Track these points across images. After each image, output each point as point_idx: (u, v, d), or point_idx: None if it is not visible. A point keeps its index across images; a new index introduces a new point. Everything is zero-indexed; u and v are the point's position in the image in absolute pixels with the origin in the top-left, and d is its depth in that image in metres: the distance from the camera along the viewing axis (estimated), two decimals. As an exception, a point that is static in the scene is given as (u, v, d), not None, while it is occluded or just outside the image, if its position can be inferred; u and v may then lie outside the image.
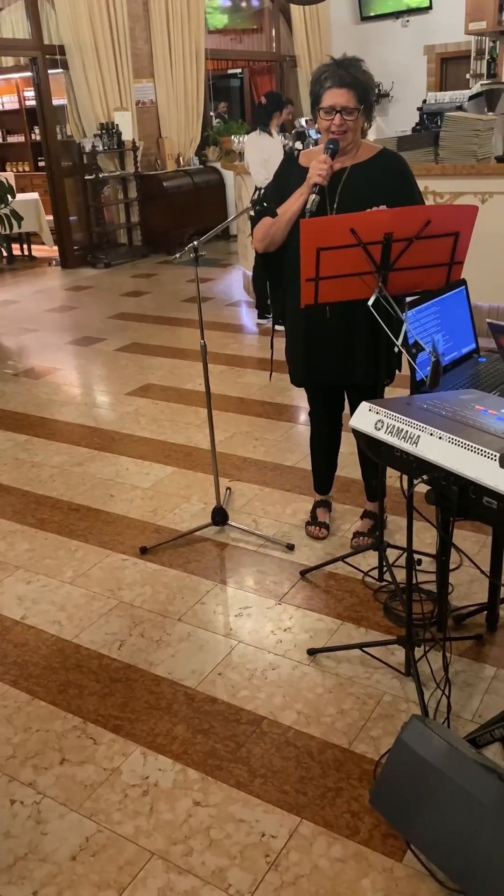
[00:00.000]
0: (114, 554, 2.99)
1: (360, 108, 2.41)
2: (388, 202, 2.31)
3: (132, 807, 1.92)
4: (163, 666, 2.37)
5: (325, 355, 2.69)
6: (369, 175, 2.49)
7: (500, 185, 4.92)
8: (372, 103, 2.47)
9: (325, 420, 2.95)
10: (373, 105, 2.48)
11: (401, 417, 1.68)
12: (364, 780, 1.94)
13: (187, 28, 9.24)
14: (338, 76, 2.38)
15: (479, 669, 2.28)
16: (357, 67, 2.43)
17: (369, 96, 2.44)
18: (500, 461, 1.46)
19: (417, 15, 10.45)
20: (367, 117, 2.48)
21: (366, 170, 2.49)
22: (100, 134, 8.45)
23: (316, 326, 2.63)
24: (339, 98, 2.38)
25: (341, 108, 2.39)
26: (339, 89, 2.38)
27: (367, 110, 2.46)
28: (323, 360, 2.71)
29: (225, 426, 4.10)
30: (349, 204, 2.44)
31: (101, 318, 6.61)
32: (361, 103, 2.42)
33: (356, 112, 2.41)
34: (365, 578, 2.73)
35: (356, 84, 2.39)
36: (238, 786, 1.96)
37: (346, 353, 2.64)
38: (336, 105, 2.38)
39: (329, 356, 2.68)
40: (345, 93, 2.38)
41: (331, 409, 2.92)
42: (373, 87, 2.47)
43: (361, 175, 2.49)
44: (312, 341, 2.68)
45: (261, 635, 2.47)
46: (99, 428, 4.24)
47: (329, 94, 2.39)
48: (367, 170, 2.49)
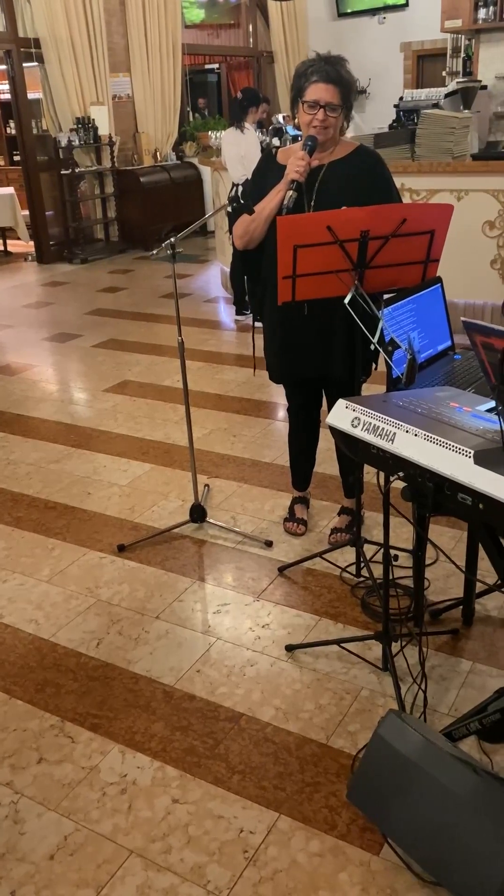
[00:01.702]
0: (91, 552, 2.98)
1: (342, 105, 2.41)
2: (365, 199, 2.32)
3: (110, 805, 1.92)
4: (141, 664, 2.37)
5: (302, 350, 2.70)
6: (347, 172, 2.49)
7: (475, 183, 4.96)
8: (352, 103, 2.47)
9: (303, 416, 2.96)
10: (352, 105, 2.48)
11: (377, 415, 1.69)
12: (342, 775, 1.95)
13: (164, 22, 9.19)
14: (324, 71, 2.37)
15: (456, 664, 2.30)
16: (342, 65, 2.43)
17: (351, 96, 2.44)
18: (474, 458, 1.48)
19: (394, 12, 10.48)
20: (346, 117, 2.48)
21: (343, 166, 2.49)
22: (76, 128, 8.39)
23: (293, 321, 2.63)
24: (324, 93, 2.37)
25: (326, 104, 2.38)
26: (324, 84, 2.37)
27: (347, 110, 2.46)
28: (300, 356, 2.71)
29: (203, 423, 4.10)
30: (326, 201, 2.44)
31: (78, 314, 6.57)
32: (344, 101, 2.42)
33: (339, 109, 2.41)
34: (342, 574, 2.74)
35: (341, 81, 2.39)
36: (216, 782, 1.96)
37: (324, 348, 2.65)
38: (321, 100, 2.38)
39: (306, 351, 2.69)
40: (330, 88, 2.37)
41: (309, 405, 2.93)
42: (354, 88, 2.47)
43: (339, 172, 2.49)
44: (290, 337, 2.69)
45: (239, 632, 2.48)
46: (76, 425, 4.22)
47: (314, 88, 2.38)
48: (345, 167, 2.49)
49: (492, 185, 4.91)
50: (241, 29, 11.40)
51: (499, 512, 1.45)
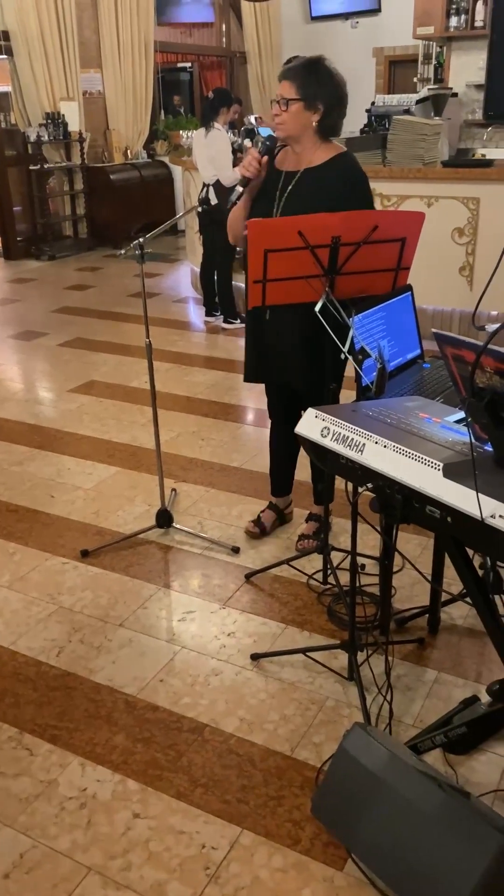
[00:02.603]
0: (54, 557, 2.92)
1: (299, 98, 2.35)
2: (336, 209, 2.25)
3: (69, 820, 1.87)
4: (103, 673, 2.32)
5: (269, 355, 2.69)
6: (321, 179, 2.44)
7: (445, 190, 4.99)
8: (319, 97, 2.37)
9: (282, 419, 2.90)
10: (324, 100, 2.38)
11: (346, 425, 1.67)
12: (306, 788, 1.93)
13: (136, 19, 9.11)
14: (283, 70, 2.43)
15: (421, 673, 2.29)
16: (305, 61, 2.41)
17: (312, 88, 2.35)
18: (443, 471, 1.46)
19: (367, 17, 10.52)
20: (314, 110, 2.38)
21: (318, 173, 2.45)
22: (45, 124, 8.27)
23: (261, 324, 2.62)
24: (279, 89, 2.40)
25: (279, 98, 2.39)
26: (281, 81, 2.40)
27: (309, 102, 2.36)
28: (265, 359, 2.71)
29: (171, 425, 4.05)
30: (295, 208, 2.41)
31: (45, 312, 6.47)
32: (302, 94, 2.35)
33: (293, 102, 2.36)
34: (309, 581, 2.72)
35: (296, 74, 2.37)
36: (178, 796, 1.92)
37: (285, 355, 2.65)
38: (276, 96, 2.40)
39: (272, 356, 2.68)
40: (285, 84, 2.39)
41: (287, 407, 2.87)
42: (321, 82, 2.37)
43: (313, 178, 2.45)
44: (257, 339, 2.68)
45: (204, 640, 2.44)
46: (40, 426, 4.14)
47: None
48: (320, 173, 2.45)
49: (461, 192, 4.94)
50: (214, 28, 11.35)
51: (467, 525, 1.44)
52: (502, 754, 2.00)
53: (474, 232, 4.97)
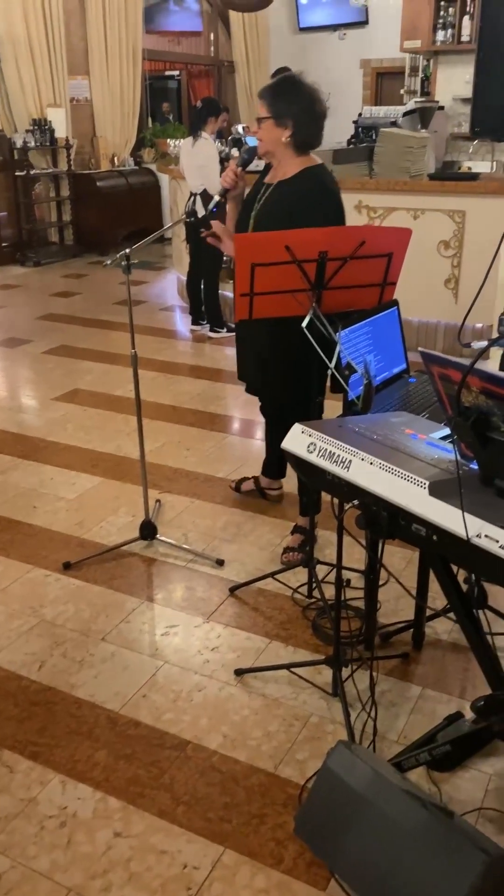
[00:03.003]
0: (35, 569, 2.89)
1: (269, 116, 2.44)
2: (288, 224, 2.32)
3: (49, 839, 1.84)
4: (85, 688, 2.29)
5: (239, 357, 2.94)
6: (285, 192, 2.52)
7: (431, 203, 5.02)
8: (289, 113, 2.42)
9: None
10: (294, 117, 2.43)
11: (333, 441, 1.66)
12: (289, 806, 1.91)
13: (124, 26, 9.11)
14: (260, 89, 2.52)
15: (405, 689, 2.29)
16: (276, 80, 2.51)
17: (281, 106, 2.42)
18: (429, 489, 1.46)
19: (354, 29, 10.60)
20: (284, 126, 2.43)
21: (285, 187, 2.54)
22: (32, 130, 8.24)
23: (239, 330, 2.89)
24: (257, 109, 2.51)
25: (257, 118, 2.52)
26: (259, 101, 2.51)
27: (279, 119, 2.42)
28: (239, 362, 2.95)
29: (156, 435, 4.03)
30: (260, 219, 2.55)
31: (29, 319, 6.43)
32: (272, 112, 2.43)
33: (264, 120, 2.47)
34: (294, 595, 2.71)
35: (267, 93, 2.46)
36: (160, 814, 1.90)
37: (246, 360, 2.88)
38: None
39: (243, 360, 2.92)
40: (260, 103, 2.47)
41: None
42: (290, 99, 2.43)
43: (280, 193, 2.54)
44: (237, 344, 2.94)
45: (187, 655, 2.42)
46: (23, 434, 4.11)
47: None
48: (287, 186, 2.53)
49: (447, 205, 4.97)
50: (202, 37, 11.38)
51: (452, 544, 1.43)
52: (486, 771, 2.00)
53: (460, 245, 5.00)
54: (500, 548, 1.33)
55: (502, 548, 1.33)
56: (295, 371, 2.61)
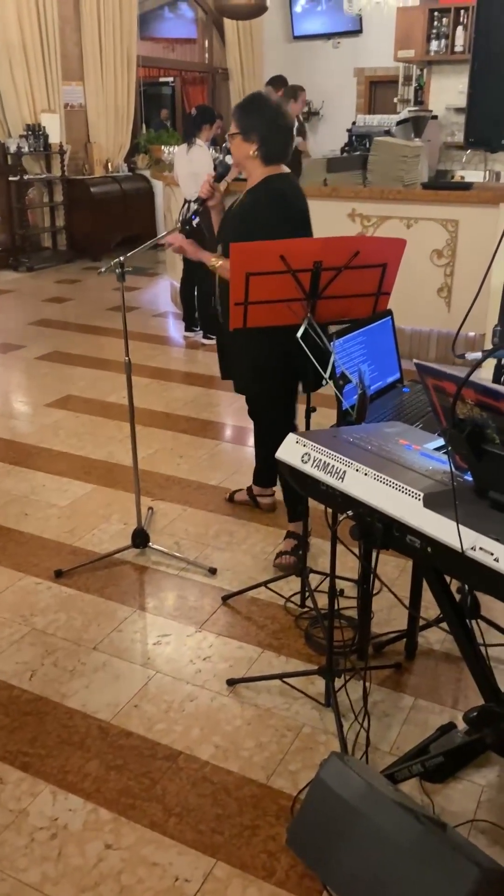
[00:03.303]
0: (27, 577, 2.87)
1: (237, 132, 2.58)
2: (238, 228, 2.57)
3: (39, 851, 1.82)
4: (76, 697, 2.28)
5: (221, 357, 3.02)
6: (245, 201, 2.67)
7: (424, 212, 5.03)
8: (254, 129, 2.54)
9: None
10: (259, 131, 2.54)
11: (327, 451, 1.66)
12: (281, 818, 1.90)
13: (119, 33, 9.12)
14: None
15: (398, 699, 2.28)
16: (244, 99, 2.67)
17: (247, 122, 2.55)
18: (424, 501, 1.46)
19: (348, 37, 10.65)
20: (251, 141, 2.55)
21: (246, 196, 2.67)
22: (26, 135, 8.23)
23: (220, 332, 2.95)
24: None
25: (228, 134, 2.67)
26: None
27: (247, 135, 2.55)
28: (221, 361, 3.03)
29: (148, 442, 4.02)
30: (223, 228, 2.75)
31: (22, 324, 6.41)
32: (239, 128, 2.57)
33: (234, 136, 2.60)
34: (287, 604, 2.70)
35: (235, 111, 2.63)
36: (152, 826, 1.89)
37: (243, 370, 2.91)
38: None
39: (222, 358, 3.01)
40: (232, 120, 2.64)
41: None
42: (255, 116, 2.55)
43: (242, 202, 2.68)
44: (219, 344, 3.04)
45: (179, 665, 2.41)
46: (15, 441, 4.09)
47: None
48: (247, 196, 2.67)
49: (441, 214, 4.99)
50: (197, 44, 11.42)
51: (447, 556, 1.43)
52: (479, 783, 1.99)
53: (453, 254, 5.02)
54: (494, 560, 1.33)
55: (497, 560, 1.33)
56: (286, 376, 2.76)
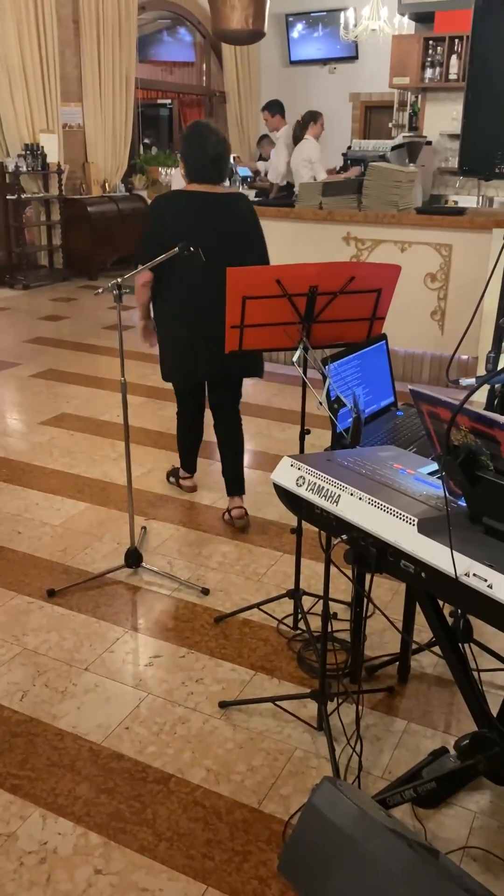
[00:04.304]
0: (19, 596, 2.86)
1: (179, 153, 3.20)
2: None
3: (28, 876, 1.80)
4: (67, 719, 2.27)
5: (199, 354, 3.12)
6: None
7: (418, 236, 5.09)
8: (182, 154, 3.12)
9: (195, 411, 3.52)
10: (183, 155, 3.11)
11: (322, 475, 1.67)
12: (273, 843, 1.89)
13: (118, 56, 9.23)
14: None
15: (390, 723, 2.28)
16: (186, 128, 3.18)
17: (181, 148, 3.13)
18: (418, 527, 1.46)
19: (344, 63, 10.81)
20: (182, 162, 3.13)
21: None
22: (24, 154, 8.30)
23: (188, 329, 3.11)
24: None
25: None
26: None
27: (182, 159, 3.12)
28: (197, 360, 3.16)
29: (142, 461, 4.03)
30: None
31: (17, 342, 6.42)
32: (179, 152, 3.17)
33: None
34: (279, 626, 2.70)
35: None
36: (142, 850, 1.87)
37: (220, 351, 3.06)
38: None
39: (204, 355, 3.10)
40: None
41: (199, 401, 3.49)
42: (185, 143, 3.10)
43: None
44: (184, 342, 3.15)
45: (171, 686, 2.40)
46: (8, 458, 4.09)
47: None
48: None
49: (434, 238, 5.05)
50: (194, 67, 11.56)
51: (440, 581, 1.44)
52: (471, 809, 1.99)
53: (446, 278, 5.07)
54: (488, 587, 1.34)
55: (490, 587, 1.34)
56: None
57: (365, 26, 8.27)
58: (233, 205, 3.06)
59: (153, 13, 10.61)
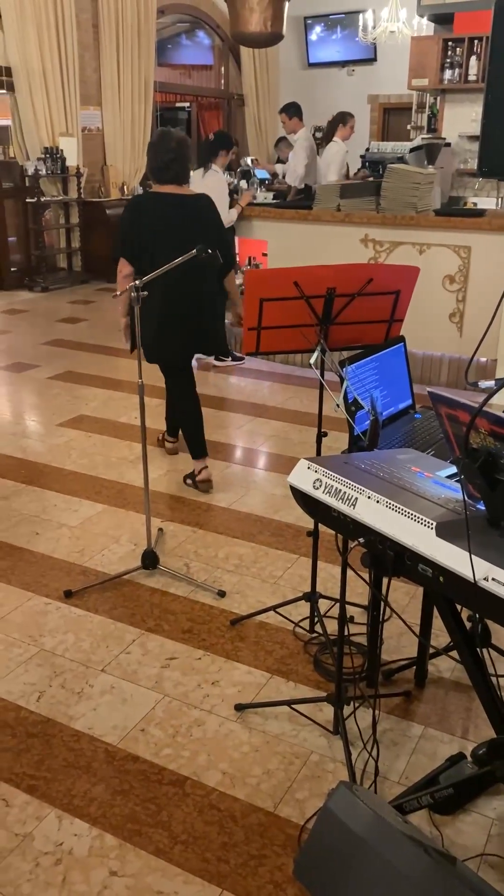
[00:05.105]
0: (36, 597, 2.87)
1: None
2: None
3: (43, 877, 1.81)
4: (83, 720, 2.27)
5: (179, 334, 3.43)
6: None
7: (437, 238, 5.07)
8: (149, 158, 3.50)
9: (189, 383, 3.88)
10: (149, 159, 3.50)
11: (339, 478, 1.66)
12: (288, 847, 1.88)
13: (137, 60, 9.28)
14: None
15: (407, 728, 2.26)
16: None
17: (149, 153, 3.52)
18: (436, 530, 1.45)
19: (362, 65, 10.79)
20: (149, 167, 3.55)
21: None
22: (44, 158, 8.36)
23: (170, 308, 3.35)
24: None
25: None
26: None
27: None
28: (177, 339, 3.48)
29: (159, 463, 4.03)
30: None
31: (35, 344, 6.46)
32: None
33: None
34: (295, 629, 2.69)
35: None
36: (157, 853, 1.87)
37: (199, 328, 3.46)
38: None
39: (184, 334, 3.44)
40: None
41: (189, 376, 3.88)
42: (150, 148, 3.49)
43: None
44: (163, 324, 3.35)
45: (187, 689, 2.40)
46: (27, 460, 4.11)
47: None
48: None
49: (453, 240, 5.02)
50: (213, 71, 11.59)
51: (459, 586, 1.42)
52: (489, 816, 1.97)
53: (465, 280, 5.04)
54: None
55: (509, 591, 1.32)
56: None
57: (384, 28, 8.26)
58: (196, 202, 3.49)
59: (172, 17, 10.65)
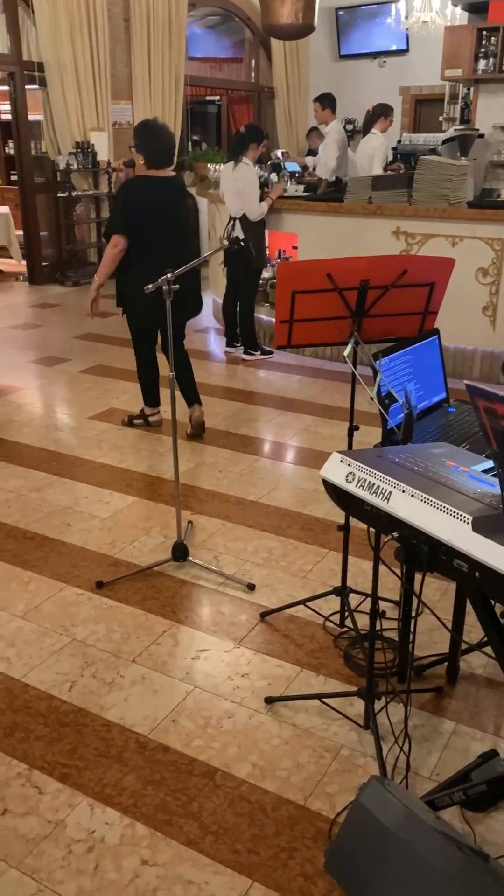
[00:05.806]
0: (68, 587, 2.90)
1: (134, 147, 3.95)
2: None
3: (76, 864, 1.83)
4: (114, 710, 2.29)
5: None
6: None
7: (470, 230, 5.00)
8: (139, 146, 3.88)
9: (153, 350, 4.34)
10: (139, 146, 3.89)
11: (373, 471, 1.64)
12: (318, 840, 1.88)
13: (168, 54, 9.28)
14: None
15: (438, 724, 2.24)
16: (137, 125, 3.96)
17: (137, 142, 3.89)
18: (472, 525, 1.44)
19: (394, 56, 10.68)
20: (139, 153, 3.90)
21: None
22: (75, 152, 8.41)
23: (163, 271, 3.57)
24: None
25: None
26: None
27: (137, 150, 3.90)
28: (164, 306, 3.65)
29: (188, 456, 4.05)
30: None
31: (67, 338, 6.52)
32: (134, 144, 3.93)
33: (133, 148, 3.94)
34: (325, 623, 2.68)
35: (133, 133, 3.97)
36: (188, 843, 1.88)
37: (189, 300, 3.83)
38: None
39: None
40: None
41: (154, 344, 4.32)
42: (137, 136, 3.89)
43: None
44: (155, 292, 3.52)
45: (217, 681, 2.41)
46: (59, 452, 4.15)
47: None
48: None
49: (486, 232, 4.96)
50: (243, 64, 11.55)
51: (496, 582, 1.41)
52: (522, 814, 1.95)
53: (498, 272, 4.97)
54: (544, 587, 1.30)
55: (547, 587, 1.30)
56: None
57: (416, 18, 8.16)
58: (177, 184, 4.10)
59: (202, 10, 10.63)
